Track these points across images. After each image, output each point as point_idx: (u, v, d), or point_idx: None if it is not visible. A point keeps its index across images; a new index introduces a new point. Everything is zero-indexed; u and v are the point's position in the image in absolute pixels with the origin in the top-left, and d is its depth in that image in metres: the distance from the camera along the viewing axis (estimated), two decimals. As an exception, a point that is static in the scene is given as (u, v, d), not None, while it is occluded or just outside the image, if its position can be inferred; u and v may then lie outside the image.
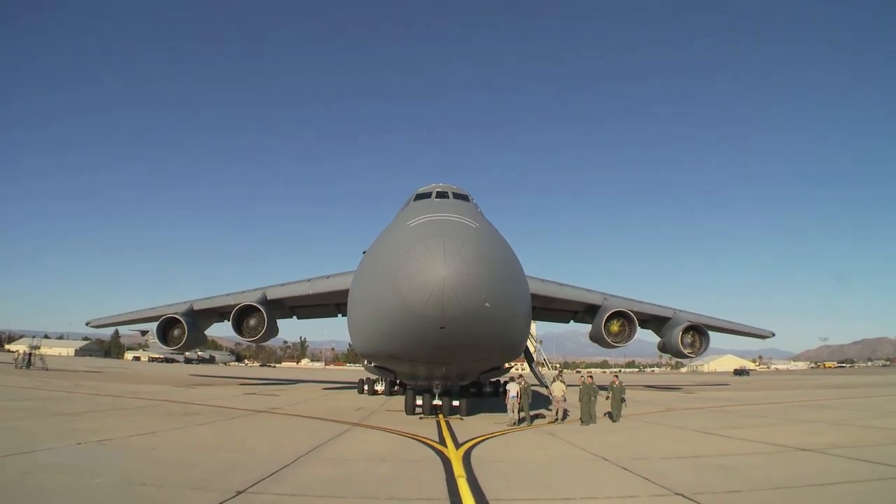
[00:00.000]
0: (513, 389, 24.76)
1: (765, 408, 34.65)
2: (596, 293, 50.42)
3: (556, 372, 33.97)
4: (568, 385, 26.87)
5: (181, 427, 20.43)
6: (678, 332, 48.41)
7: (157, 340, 50.62)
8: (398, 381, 38.93)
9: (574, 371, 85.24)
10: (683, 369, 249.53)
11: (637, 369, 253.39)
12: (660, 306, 53.02)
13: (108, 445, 15.62)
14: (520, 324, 23.49)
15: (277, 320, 48.72)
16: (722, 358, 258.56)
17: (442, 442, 18.44)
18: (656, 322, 52.58)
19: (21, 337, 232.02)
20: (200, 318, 49.90)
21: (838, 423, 25.23)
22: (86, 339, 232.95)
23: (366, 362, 35.48)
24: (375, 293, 20.66)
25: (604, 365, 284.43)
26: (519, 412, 24.66)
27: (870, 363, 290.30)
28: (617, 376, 26.39)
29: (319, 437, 18.69)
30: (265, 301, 46.32)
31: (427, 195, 26.42)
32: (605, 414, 26.44)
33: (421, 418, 26.04)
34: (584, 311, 51.17)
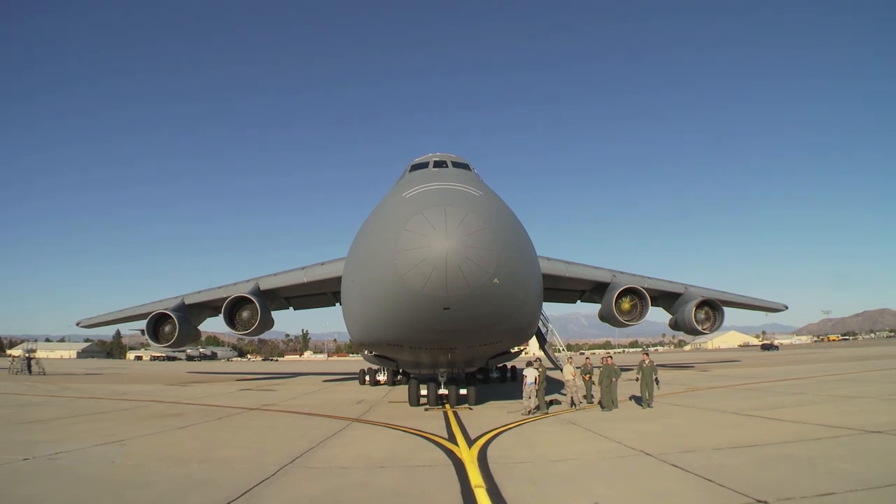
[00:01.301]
0: (530, 375, 22.42)
1: (793, 384, 32.42)
2: (604, 270, 48.40)
3: (568, 355, 31.61)
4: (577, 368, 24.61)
5: (156, 432, 18.16)
6: (691, 307, 46.48)
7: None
8: (401, 370, 36.74)
9: (577, 353, 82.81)
10: (687, 347, 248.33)
11: (641, 349, 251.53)
12: (670, 282, 51.17)
13: (60, 460, 13.31)
14: (532, 302, 21.23)
15: (273, 312, 46.90)
16: (726, 335, 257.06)
17: (451, 438, 16.13)
18: (666, 299, 50.76)
19: (22, 341, 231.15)
20: (193, 313, 47.94)
21: (886, 397, 23.05)
22: (87, 340, 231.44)
23: (364, 352, 33.27)
24: (370, 274, 18.44)
25: (607, 346, 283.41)
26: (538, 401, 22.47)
27: (872, 335, 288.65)
28: (647, 354, 23.85)
29: (311, 439, 16.37)
30: (258, 292, 44.21)
31: (424, 165, 24.01)
32: (630, 398, 24.27)
33: (426, 409, 24.09)
34: (592, 290, 49.38)
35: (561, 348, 29.99)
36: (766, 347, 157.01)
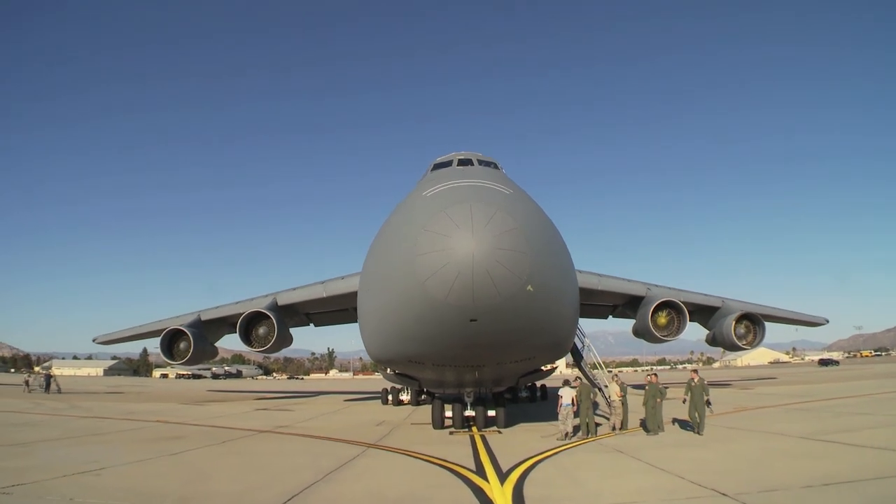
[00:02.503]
0: (566, 395, 20.17)
1: (850, 403, 29.90)
2: (638, 283, 45.94)
3: (614, 371, 29.27)
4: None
5: (145, 459, 16.13)
6: (731, 321, 43.78)
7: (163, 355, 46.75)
8: (424, 389, 34.58)
9: (606, 371, 79.98)
10: (716, 364, 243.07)
11: (669, 366, 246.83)
12: (706, 295, 48.56)
13: (11, 495, 11.27)
14: (569, 313, 19.05)
15: (293, 328, 44.81)
16: (756, 351, 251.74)
17: (480, 471, 13.92)
18: (702, 313, 48.13)
19: (51, 359, 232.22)
20: (209, 329, 46.04)
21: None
22: (114, 358, 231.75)
23: (385, 370, 31.23)
24: (386, 282, 16.42)
25: (634, 364, 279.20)
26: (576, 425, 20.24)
27: (832, 356, 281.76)
28: (696, 371, 21.24)
29: (318, 469, 14.23)
30: (275, 307, 42.18)
31: (447, 164, 21.88)
32: (672, 421, 21.98)
33: (451, 433, 21.98)
34: (625, 305, 46.94)
35: (599, 365, 27.64)
36: (824, 363, 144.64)
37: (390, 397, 41.50)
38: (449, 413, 23.22)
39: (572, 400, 20.01)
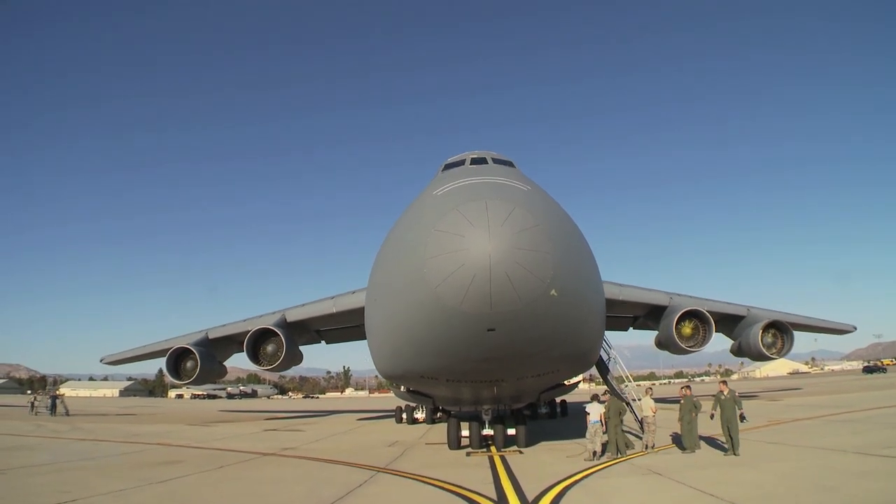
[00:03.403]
0: (594, 412, 18.51)
1: (887, 413, 28.31)
2: (660, 293, 44.31)
3: (648, 385, 27.61)
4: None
5: (129, 488, 14.61)
6: (758, 330, 42.10)
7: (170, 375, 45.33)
8: (440, 407, 32.96)
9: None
10: (735, 376, 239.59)
11: (686, 379, 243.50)
12: (730, 304, 46.90)
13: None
14: (596, 321, 17.48)
15: (303, 346, 43.80)
16: (775, 362, 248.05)
17: (502, 499, 12.36)
18: (726, 322, 46.31)
19: (67, 380, 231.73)
20: (217, 347, 44.67)
21: None
22: (130, 379, 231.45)
23: (397, 387, 29.67)
24: (394, 289, 14.95)
25: (651, 377, 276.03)
26: (604, 444, 18.57)
27: (878, 362, 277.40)
28: (725, 383, 19.19)
29: (318, 501, 12.70)
30: (284, 324, 40.80)
31: (459, 163, 20.25)
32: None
33: (468, 454, 20.37)
34: (646, 316, 45.30)
35: (627, 378, 25.99)
36: (870, 370, 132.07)
37: (404, 416, 40.02)
38: (466, 432, 21.75)
39: (600, 417, 18.38)
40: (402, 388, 27.25)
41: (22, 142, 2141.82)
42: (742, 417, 17.99)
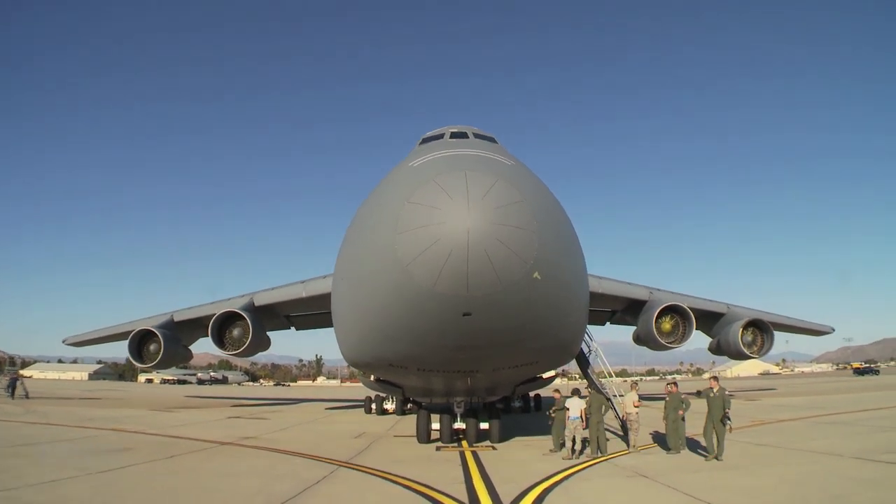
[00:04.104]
0: (574, 408, 17.28)
1: (883, 415, 27.48)
2: (640, 287, 43.19)
3: (633, 380, 26.41)
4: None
5: (62, 478, 13.15)
6: (738, 328, 41.05)
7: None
8: (410, 398, 31.67)
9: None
10: (706, 375, 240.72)
11: (658, 377, 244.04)
12: (710, 301, 45.89)
13: None
14: (580, 309, 16.28)
15: (273, 332, 42.40)
16: (745, 363, 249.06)
17: (474, 501, 11.09)
18: (705, 320, 45.27)
19: (35, 362, 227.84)
20: (183, 331, 43.06)
21: None
22: (100, 362, 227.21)
23: (365, 376, 28.33)
24: (361, 269, 13.59)
25: (623, 374, 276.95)
26: (584, 441, 17.37)
27: (892, 363, 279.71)
28: (716, 379, 17.41)
29: (268, 498, 11.35)
30: (252, 308, 39.21)
31: (438, 137, 18.85)
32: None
33: (438, 448, 19.26)
34: (624, 310, 44.13)
35: (609, 374, 24.82)
36: (861, 372, 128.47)
37: (374, 406, 38.94)
38: (436, 425, 20.57)
39: (581, 413, 17.15)
40: (371, 377, 25.88)
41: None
42: (726, 418, 16.09)
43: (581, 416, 17.08)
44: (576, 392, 18.05)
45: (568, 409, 17.33)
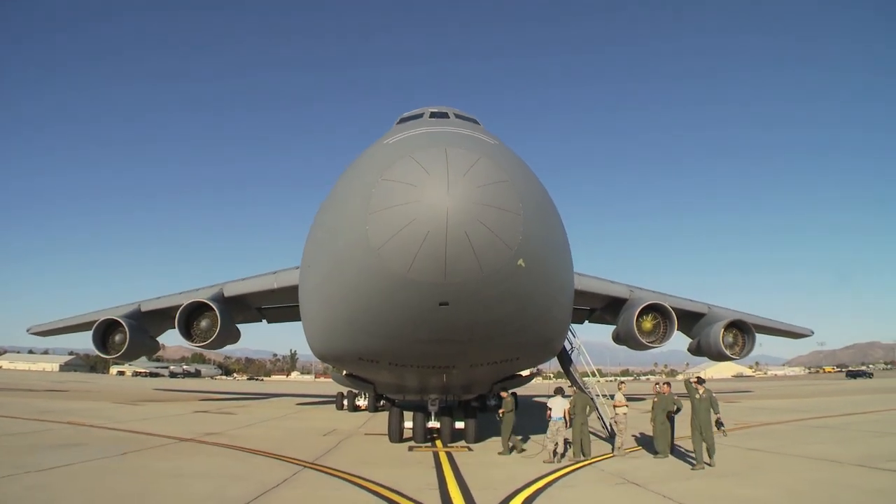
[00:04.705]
0: (557, 407, 16.19)
1: (874, 419, 26.78)
2: (621, 285, 42.22)
3: (621, 380, 25.31)
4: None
5: (-5, 478, 11.98)
6: (719, 329, 40.20)
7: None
8: (382, 394, 30.48)
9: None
10: (679, 377, 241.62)
11: (633, 377, 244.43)
12: (691, 301, 45.06)
13: None
14: (565, 302, 15.23)
15: (244, 324, 41.29)
16: (720, 364, 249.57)
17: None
18: (685, 320, 44.37)
19: (5, 352, 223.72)
20: (150, 321, 41.55)
21: None
22: (72, 353, 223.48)
23: (335, 370, 27.12)
24: (329, 252, 12.40)
25: (598, 374, 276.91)
26: (566, 443, 16.28)
27: (862, 367, 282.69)
28: (701, 381, 15.77)
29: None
30: (221, 298, 37.81)
31: (417, 116, 17.61)
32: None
33: (411, 449, 18.25)
34: (603, 309, 43.14)
35: (592, 373, 23.78)
36: (853, 375, 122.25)
37: (346, 402, 38.01)
38: (409, 423, 19.51)
39: (564, 413, 16.07)
40: (341, 371, 24.69)
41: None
42: (720, 424, 15.19)
43: (564, 417, 16.01)
44: (559, 391, 16.97)
45: (550, 409, 16.24)
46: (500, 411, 17.96)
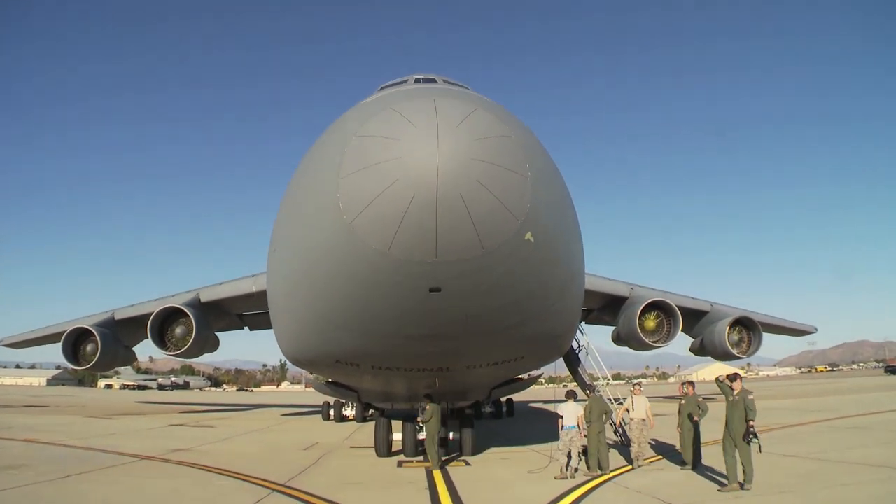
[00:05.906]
0: (569, 415, 13.96)
1: (888, 419, 24.92)
2: (621, 283, 40.12)
3: (635, 381, 23.25)
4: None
5: None
6: (724, 327, 38.20)
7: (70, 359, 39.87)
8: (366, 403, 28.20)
9: (561, 386, 74.43)
10: (671, 379, 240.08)
11: (623, 381, 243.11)
12: (693, 298, 43.09)
13: None
14: (578, 288, 13.01)
15: (225, 331, 39.35)
16: (712, 366, 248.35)
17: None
18: (687, 318, 42.28)
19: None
20: (125, 330, 39.15)
21: None
22: (59, 367, 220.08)
23: (315, 377, 24.91)
24: (296, 230, 10.13)
25: (590, 378, 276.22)
26: (580, 455, 14.03)
27: (855, 366, 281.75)
28: (739, 378, 13.39)
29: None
30: (197, 304, 35.51)
31: (400, 83, 15.40)
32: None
33: (400, 464, 16.38)
34: (601, 308, 41.02)
35: (605, 377, 21.74)
36: (893, 370, 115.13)
37: (332, 412, 35.67)
38: (398, 435, 17.31)
39: (578, 421, 13.85)
40: (321, 379, 22.45)
41: None
42: (754, 436, 11.97)
43: (578, 425, 13.79)
44: (570, 395, 14.71)
45: (562, 417, 14.02)
46: (418, 419, 15.81)
